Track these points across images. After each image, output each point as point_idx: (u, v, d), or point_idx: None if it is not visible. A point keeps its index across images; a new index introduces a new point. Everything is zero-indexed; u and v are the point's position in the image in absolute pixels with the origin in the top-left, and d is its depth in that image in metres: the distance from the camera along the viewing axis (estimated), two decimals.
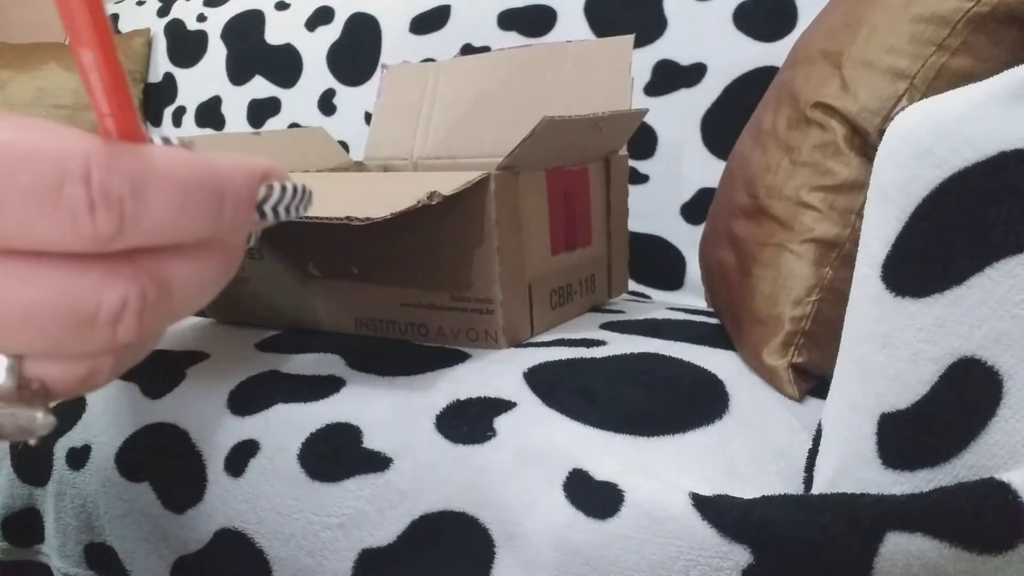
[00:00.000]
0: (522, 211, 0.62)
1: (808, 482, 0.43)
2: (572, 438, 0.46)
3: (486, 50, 1.10)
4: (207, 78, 1.41)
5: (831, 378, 0.42)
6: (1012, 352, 0.34)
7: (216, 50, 1.41)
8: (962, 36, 0.49)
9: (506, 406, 0.50)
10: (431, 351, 0.61)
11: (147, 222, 0.17)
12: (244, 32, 1.38)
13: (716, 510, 0.38)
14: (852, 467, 0.39)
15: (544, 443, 0.46)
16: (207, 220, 0.19)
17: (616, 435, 0.46)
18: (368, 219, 0.49)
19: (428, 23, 1.18)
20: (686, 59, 0.98)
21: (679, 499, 0.39)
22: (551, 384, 0.52)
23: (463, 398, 0.52)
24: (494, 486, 0.45)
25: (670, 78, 0.99)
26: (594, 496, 0.42)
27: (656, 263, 1.00)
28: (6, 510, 0.64)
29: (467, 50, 1.14)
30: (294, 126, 1.31)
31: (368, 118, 1.23)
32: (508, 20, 1.11)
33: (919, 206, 0.35)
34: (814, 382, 0.56)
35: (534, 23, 1.09)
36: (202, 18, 1.44)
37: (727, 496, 0.39)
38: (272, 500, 0.51)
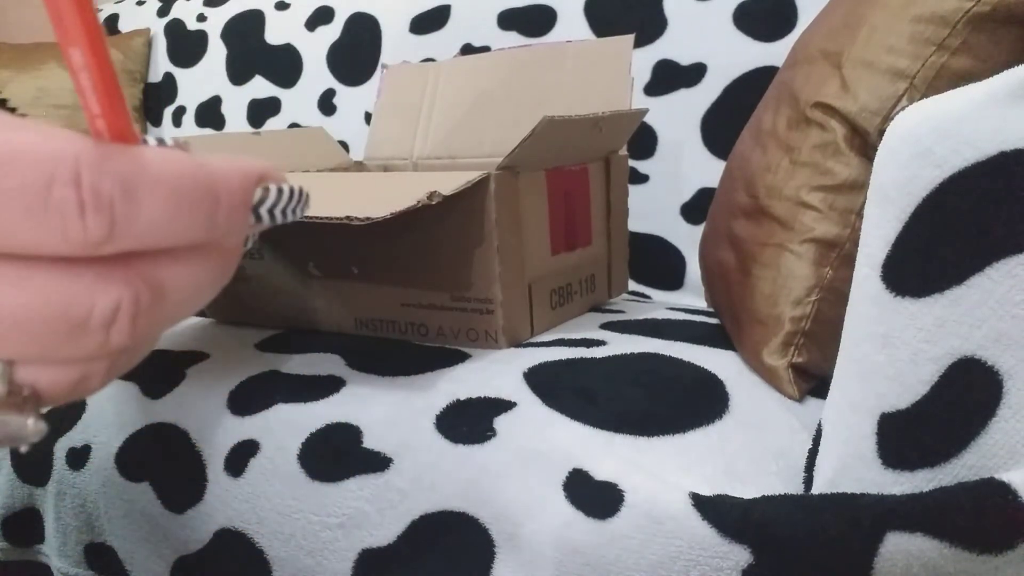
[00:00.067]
0: (522, 211, 0.62)
1: (808, 482, 0.43)
2: (572, 438, 0.46)
3: (486, 50, 1.10)
4: (207, 78, 1.41)
5: (831, 378, 0.42)
6: (1012, 352, 0.34)
7: (216, 50, 1.41)
8: (962, 36, 0.49)
9: (506, 406, 0.50)
10: (431, 351, 0.61)
11: (139, 225, 0.17)
12: (244, 32, 1.38)
13: (716, 510, 0.38)
14: (852, 467, 0.39)
15: (544, 443, 0.46)
16: (201, 223, 0.18)
17: (616, 435, 0.46)
18: (368, 219, 0.49)
19: (428, 23, 1.18)
20: (686, 59, 0.98)
21: (679, 499, 0.39)
22: (551, 384, 0.52)
23: (463, 398, 0.52)
24: (494, 486, 0.45)
25: (670, 78, 0.99)
26: (594, 496, 0.42)
27: (656, 263, 1.00)
28: (6, 510, 0.64)
29: (467, 50, 1.14)
30: (294, 126, 1.31)
31: (368, 118, 1.23)
32: (508, 20, 1.11)
33: (919, 206, 0.35)
34: (814, 382, 0.56)
35: (534, 23, 1.09)
36: (202, 18, 1.44)
37: (727, 496, 0.39)
38: (272, 500, 0.51)
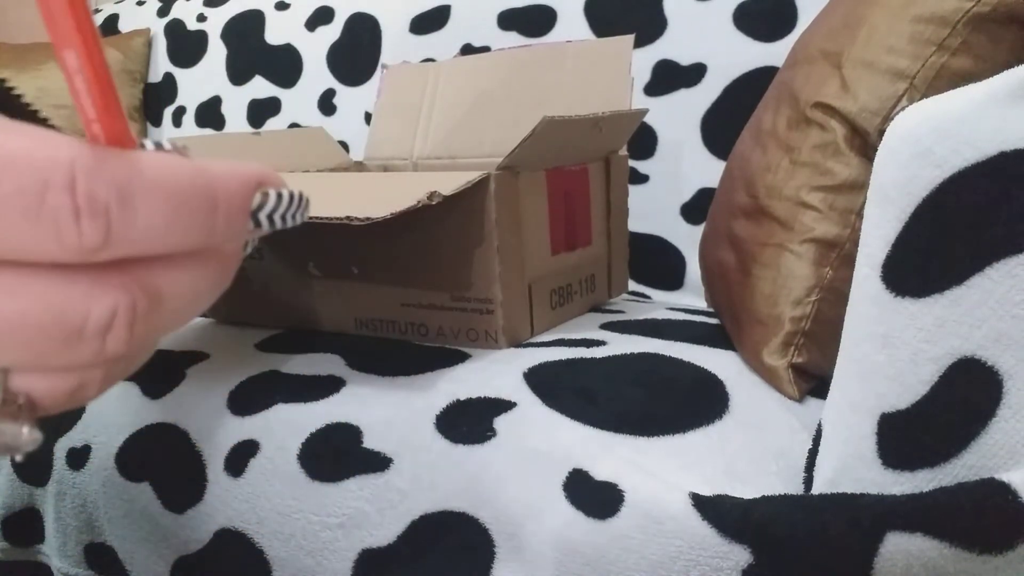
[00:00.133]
0: (522, 211, 0.62)
1: (808, 482, 0.43)
2: (572, 438, 0.46)
3: (486, 50, 1.10)
4: (207, 78, 1.41)
5: (831, 378, 0.42)
6: (1012, 352, 0.34)
7: (216, 50, 1.41)
8: (962, 36, 0.49)
9: (506, 406, 0.50)
10: (431, 351, 0.61)
11: (136, 231, 0.17)
12: (244, 32, 1.38)
13: (716, 510, 0.38)
14: (852, 467, 0.39)
15: (544, 443, 0.46)
16: (199, 229, 0.18)
17: (616, 435, 0.46)
18: (368, 219, 0.49)
19: (428, 23, 1.18)
20: (686, 59, 0.98)
21: (679, 499, 0.39)
22: (551, 384, 0.52)
23: (463, 398, 0.52)
24: (494, 486, 0.45)
25: (670, 78, 0.99)
26: (594, 496, 0.42)
27: (656, 263, 1.00)
28: (6, 510, 0.64)
29: (467, 50, 1.14)
30: (294, 126, 1.31)
31: (368, 118, 1.23)
32: (508, 20, 1.11)
33: (919, 206, 0.35)
34: (814, 382, 0.56)
35: (534, 23, 1.09)
36: (202, 18, 1.44)
37: (727, 496, 0.39)
38: (272, 500, 0.51)
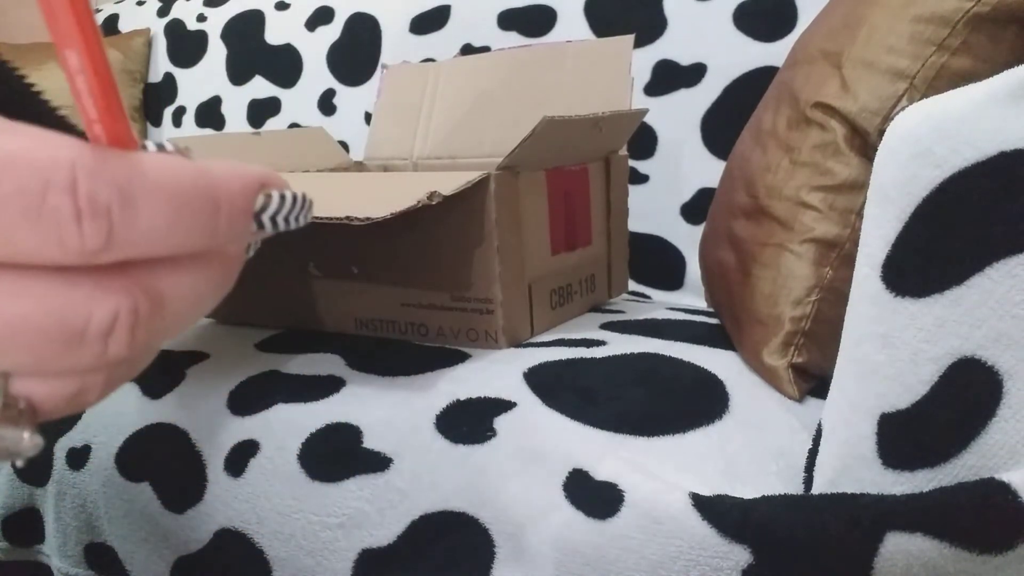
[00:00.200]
0: (522, 211, 0.62)
1: (808, 482, 0.43)
2: (572, 438, 0.46)
3: (486, 50, 1.10)
4: (207, 78, 1.41)
5: (831, 378, 0.42)
6: (1012, 352, 0.34)
7: (216, 50, 1.41)
8: (962, 36, 0.49)
9: (506, 406, 0.50)
10: (431, 351, 0.61)
11: (137, 233, 0.17)
12: (244, 32, 1.38)
13: (716, 510, 0.38)
14: (852, 467, 0.39)
15: (544, 443, 0.46)
16: (201, 231, 0.18)
17: (616, 435, 0.46)
18: (368, 219, 0.49)
19: (428, 23, 1.18)
20: (686, 59, 0.98)
21: (679, 499, 0.39)
22: (551, 384, 0.52)
23: (463, 398, 0.52)
24: (494, 486, 0.45)
25: (670, 78, 0.99)
26: (594, 496, 0.42)
27: (656, 263, 1.00)
28: (6, 510, 0.64)
29: (467, 50, 1.14)
30: (294, 126, 1.31)
31: (368, 118, 1.23)
32: (508, 20, 1.11)
33: (919, 206, 0.35)
34: (814, 382, 0.56)
35: (534, 23, 1.09)
36: (202, 18, 1.44)
37: (727, 496, 0.39)
38: (272, 500, 0.51)
